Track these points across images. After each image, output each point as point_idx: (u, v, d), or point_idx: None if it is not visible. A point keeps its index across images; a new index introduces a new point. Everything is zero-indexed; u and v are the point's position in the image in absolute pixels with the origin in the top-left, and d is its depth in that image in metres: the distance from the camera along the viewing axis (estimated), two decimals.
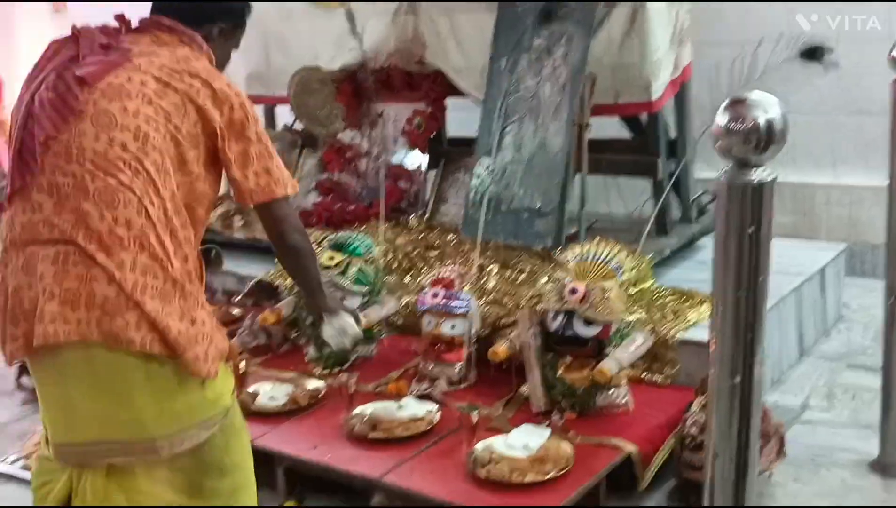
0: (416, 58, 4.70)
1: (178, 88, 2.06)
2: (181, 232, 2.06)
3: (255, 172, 2.16)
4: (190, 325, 2.00)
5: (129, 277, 1.94)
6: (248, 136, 2.15)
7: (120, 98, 2.02)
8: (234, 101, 2.13)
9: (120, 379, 1.99)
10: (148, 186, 2.00)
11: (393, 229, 4.47)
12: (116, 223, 1.96)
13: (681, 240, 4.20)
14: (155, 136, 2.02)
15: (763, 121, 1.62)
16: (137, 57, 2.09)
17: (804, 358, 3.96)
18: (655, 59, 3.93)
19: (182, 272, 2.03)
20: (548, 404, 3.02)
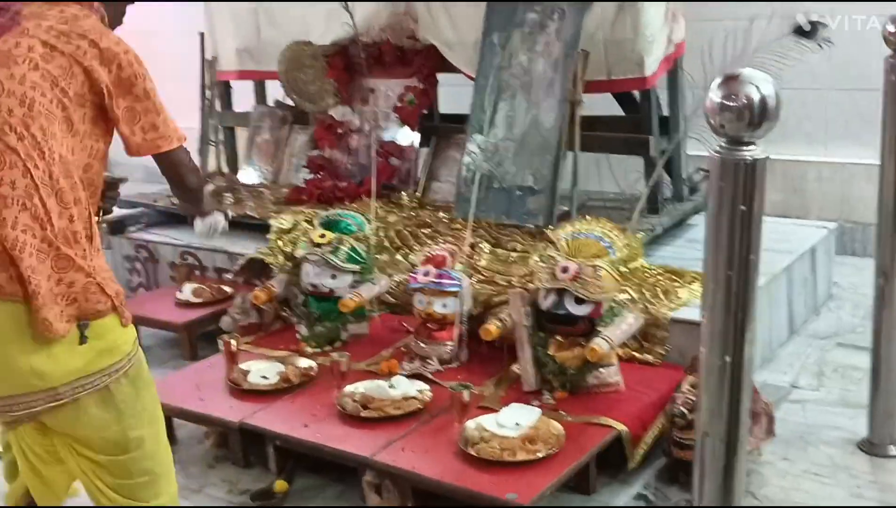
0: (407, 33, 4.67)
1: (65, 51, 2.12)
2: (69, 193, 2.13)
3: (141, 127, 2.21)
4: (55, 285, 2.09)
5: (9, 234, 2.05)
6: (135, 93, 2.19)
7: (7, 65, 2.09)
8: (123, 59, 2.17)
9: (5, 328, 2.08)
10: (33, 149, 2.07)
11: (384, 206, 4.45)
12: (1, 183, 2.06)
13: (672, 218, 4.19)
14: (41, 100, 2.09)
15: (756, 98, 1.60)
16: (27, 20, 2.14)
17: (794, 337, 3.97)
18: (648, 34, 3.91)
19: (63, 233, 2.10)
20: (539, 382, 3.03)
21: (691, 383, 2.90)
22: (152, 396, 2.32)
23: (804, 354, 3.79)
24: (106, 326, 2.18)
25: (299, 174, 5.03)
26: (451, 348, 3.29)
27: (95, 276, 2.16)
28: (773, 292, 3.77)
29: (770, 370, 3.62)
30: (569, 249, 3.05)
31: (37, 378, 2.11)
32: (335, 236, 3.53)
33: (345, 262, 3.50)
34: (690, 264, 3.75)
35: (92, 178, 2.23)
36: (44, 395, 2.13)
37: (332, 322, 3.52)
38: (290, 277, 3.63)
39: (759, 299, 2.01)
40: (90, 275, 2.15)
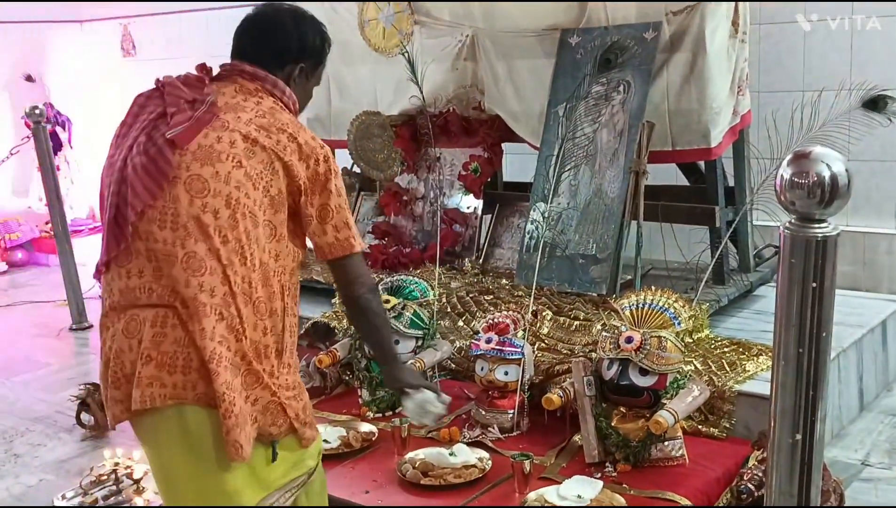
0: (473, 104, 4.75)
1: (266, 146, 2.05)
2: (265, 304, 2.04)
3: (334, 225, 2.14)
4: (243, 403, 2.00)
5: (207, 345, 1.96)
6: (329, 189, 2.13)
7: (211, 162, 2.01)
8: (319, 154, 2.12)
9: (209, 437, 2.00)
10: (234, 255, 2.00)
11: (447, 272, 4.49)
12: (201, 290, 1.97)
13: (738, 289, 4.15)
14: (246, 202, 2.01)
15: (827, 175, 1.60)
16: (225, 112, 2.08)
17: (865, 413, 3.86)
18: (714, 105, 3.92)
19: (255, 346, 2.02)
20: (601, 454, 2.99)
21: (758, 458, 2.84)
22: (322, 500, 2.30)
23: (875, 431, 3.69)
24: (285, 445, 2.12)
25: (365, 240, 5.11)
26: (513, 416, 3.27)
27: (280, 395, 2.07)
28: (844, 366, 3.69)
29: (840, 447, 3.53)
30: (633, 318, 3.03)
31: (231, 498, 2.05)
32: (399, 301, 3.57)
33: (408, 327, 3.53)
34: (756, 336, 3.70)
35: (296, 284, 2.16)
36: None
37: None
38: (354, 341, 3.66)
39: (829, 374, 1.98)
40: (275, 394, 2.06)
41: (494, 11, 4.48)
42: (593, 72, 3.99)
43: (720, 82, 3.95)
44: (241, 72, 2.18)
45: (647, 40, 3.92)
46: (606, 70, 3.97)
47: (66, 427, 4.09)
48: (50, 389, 4.62)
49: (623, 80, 3.97)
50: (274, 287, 2.07)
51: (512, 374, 3.27)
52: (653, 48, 3.91)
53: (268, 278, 2.05)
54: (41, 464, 3.76)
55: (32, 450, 3.90)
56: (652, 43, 3.91)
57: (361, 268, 2.27)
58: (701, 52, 3.87)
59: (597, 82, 4.03)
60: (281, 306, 2.09)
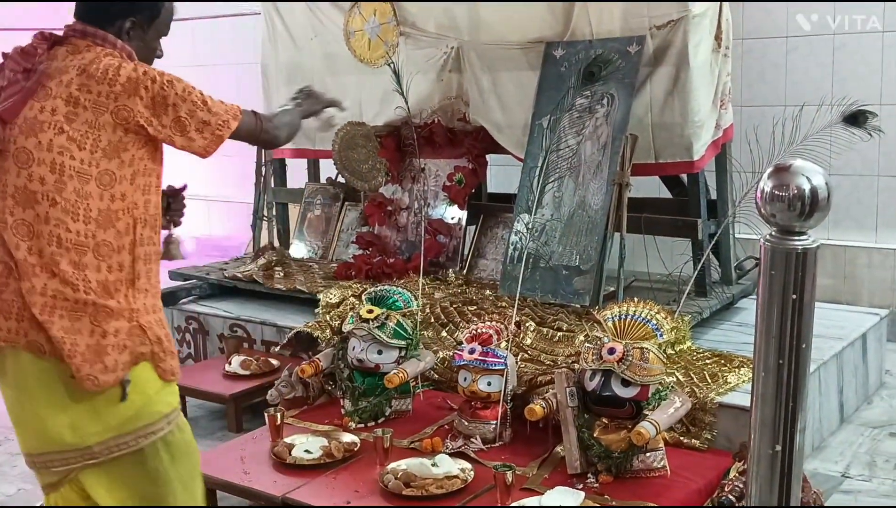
0: (458, 115, 4.77)
1: (87, 105, 2.14)
2: (112, 243, 2.17)
3: (196, 129, 2.22)
4: (101, 338, 2.13)
5: (37, 300, 2.11)
6: (171, 102, 2.18)
7: (34, 133, 2.13)
8: (144, 80, 2.16)
9: (48, 382, 2.16)
10: (65, 214, 2.12)
11: (431, 283, 4.50)
12: (30, 253, 2.13)
13: (720, 302, 4.18)
14: (71, 164, 2.12)
15: (807, 188, 1.61)
16: (50, 78, 2.17)
17: (845, 425, 3.89)
18: (697, 119, 3.95)
19: (102, 285, 2.15)
20: (583, 465, 2.99)
21: (739, 470, 2.85)
22: (191, 467, 2.31)
23: (856, 443, 3.72)
24: (144, 378, 2.19)
25: (349, 250, 5.12)
26: (495, 427, 3.27)
27: (139, 319, 2.19)
28: (824, 379, 3.71)
29: (820, 459, 3.55)
30: (615, 330, 3.04)
31: (72, 435, 2.15)
32: (382, 311, 3.56)
33: (391, 337, 3.53)
34: (738, 349, 3.72)
35: (153, 212, 2.25)
36: (79, 453, 2.17)
37: (377, 398, 3.53)
38: (337, 351, 3.66)
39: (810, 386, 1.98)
40: (131, 319, 2.18)
41: (480, 24, 4.50)
42: (577, 85, 4.01)
43: (703, 96, 3.98)
44: (73, 31, 2.25)
45: (631, 54, 3.95)
46: (590, 83, 3.99)
47: None
48: None
49: (607, 93, 3.99)
50: (119, 227, 2.17)
51: (495, 385, 3.28)
52: (636, 62, 3.94)
53: (110, 221, 2.16)
54: (20, 473, 3.73)
55: (11, 459, 3.87)
56: (636, 57, 3.94)
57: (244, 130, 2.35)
58: (684, 67, 3.90)
59: (581, 95, 4.05)
60: (130, 239, 2.20)
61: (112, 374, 2.14)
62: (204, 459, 2.37)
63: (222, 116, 2.26)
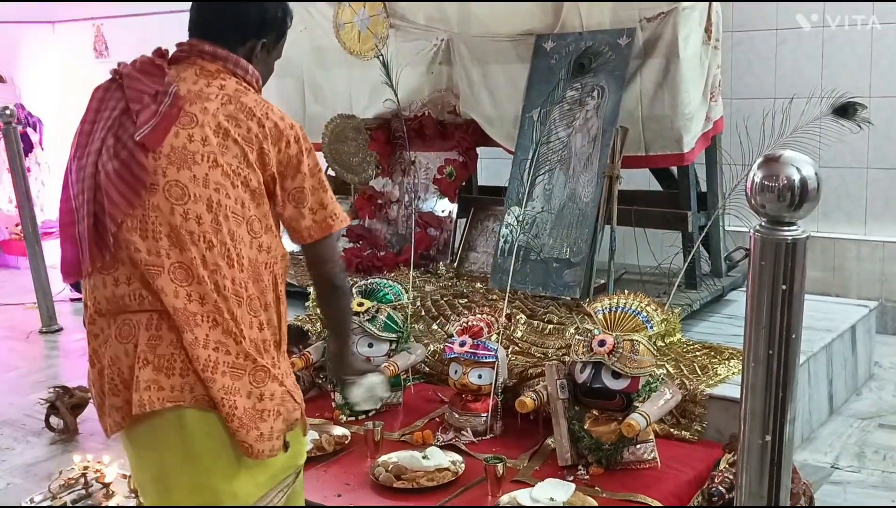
0: (448, 108, 4.76)
1: (238, 138, 1.98)
2: (259, 299, 2.00)
3: (310, 208, 2.08)
4: (258, 401, 1.97)
5: (201, 354, 1.92)
6: (302, 171, 2.06)
7: (187, 165, 1.95)
8: (290, 135, 2.05)
9: (210, 440, 1.97)
10: (221, 259, 1.95)
11: (422, 276, 4.49)
12: (190, 300, 1.93)
13: (710, 294, 4.19)
14: (227, 203, 1.96)
15: (797, 179, 1.62)
16: (190, 104, 2.00)
17: (834, 417, 3.90)
18: (687, 112, 3.95)
19: (255, 344, 1.99)
20: (574, 457, 3.00)
21: (729, 461, 2.86)
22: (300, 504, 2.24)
23: (845, 434, 3.73)
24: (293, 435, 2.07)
25: (339, 243, 5.10)
26: (486, 419, 3.28)
27: (286, 383, 2.04)
28: (813, 370, 3.73)
29: (810, 451, 3.57)
30: (606, 322, 3.05)
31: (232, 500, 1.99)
32: (373, 304, 3.56)
33: (382, 330, 3.52)
34: (728, 341, 3.73)
35: (285, 268, 2.10)
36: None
37: None
38: (327, 344, 3.65)
39: (799, 377, 1.99)
40: (282, 384, 2.03)
41: (470, 16, 4.49)
42: (567, 77, 4.01)
43: (693, 89, 3.98)
44: (200, 53, 2.08)
45: (621, 46, 3.95)
46: (580, 75, 3.99)
47: (34, 431, 4.05)
48: (19, 392, 4.57)
49: (597, 85, 3.99)
50: (265, 281, 2.02)
51: (485, 377, 3.28)
52: (626, 54, 3.93)
53: (258, 273, 2.01)
54: (9, 468, 3.71)
55: (0, 454, 3.85)
56: (626, 49, 3.94)
57: (335, 247, 2.22)
58: (674, 59, 3.90)
59: (571, 87, 4.05)
60: (274, 296, 2.05)
61: (268, 443, 1.98)
62: None
63: (337, 211, 2.13)
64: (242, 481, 2.00)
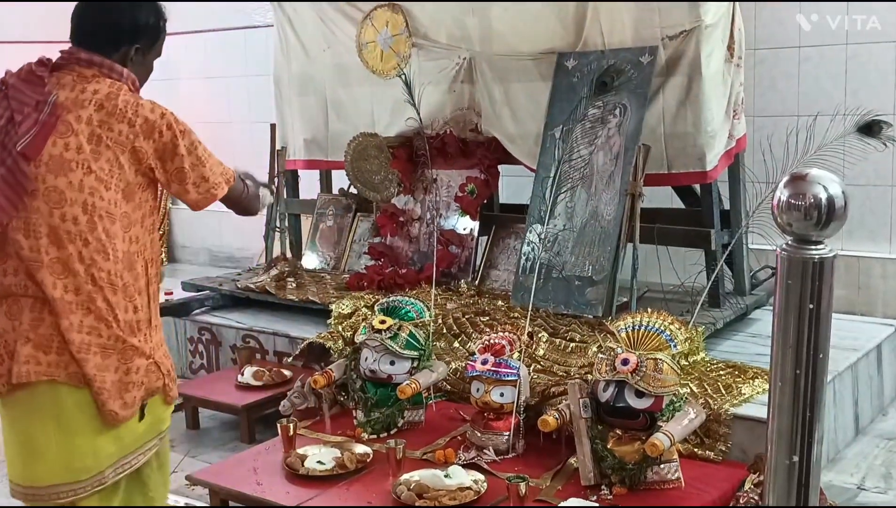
0: (470, 126, 4.77)
1: (109, 144, 2.19)
2: (133, 285, 2.26)
3: (193, 183, 2.30)
4: (124, 374, 2.25)
5: (75, 338, 2.19)
6: (179, 153, 2.26)
7: (64, 172, 2.16)
8: (160, 124, 2.23)
9: (82, 411, 2.23)
10: (97, 254, 2.19)
11: (443, 293, 4.49)
12: (66, 291, 2.18)
13: (734, 312, 4.16)
14: (100, 204, 2.18)
15: (824, 197, 1.61)
16: (66, 112, 2.18)
17: (860, 437, 3.86)
18: (710, 129, 3.94)
19: (129, 325, 2.26)
20: (597, 477, 2.98)
21: (754, 482, 2.83)
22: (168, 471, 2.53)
23: (871, 455, 3.69)
24: (153, 402, 2.35)
25: (361, 261, 5.12)
26: (508, 438, 3.26)
27: (154, 355, 2.32)
28: (839, 390, 3.69)
29: (836, 471, 3.52)
30: (629, 341, 3.03)
31: (93, 460, 2.25)
32: (395, 321, 3.56)
33: (403, 348, 3.52)
34: (752, 360, 3.70)
35: (157, 250, 2.38)
36: (92, 480, 2.27)
37: (389, 408, 3.52)
38: (349, 362, 3.66)
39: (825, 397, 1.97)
40: (150, 356, 2.31)
41: (492, 35, 4.51)
42: (589, 95, 4.01)
43: (716, 106, 3.97)
44: (78, 59, 2.26)
45: (644, 64, 3.95)
46: (603, 93, 3.99)
47: None
48: None
49: (619, 103, 3.99)
50: (137, 268, 2.28)
51: (507, 396, 3.26)
52: (649, 72, 3.93)
53: (132, 262, 2.26)
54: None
55: None
56: (648, 67, 3.94)
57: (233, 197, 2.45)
58: (697, 77, 3.90)
59: (593, 105, 4.05)
60: (145, 281, 2.31)
61: (130, 409, 2.28)
62: (216, 470, 2.40)
63: (218, 178, 2.36)
64: (104, 441, 2.26)
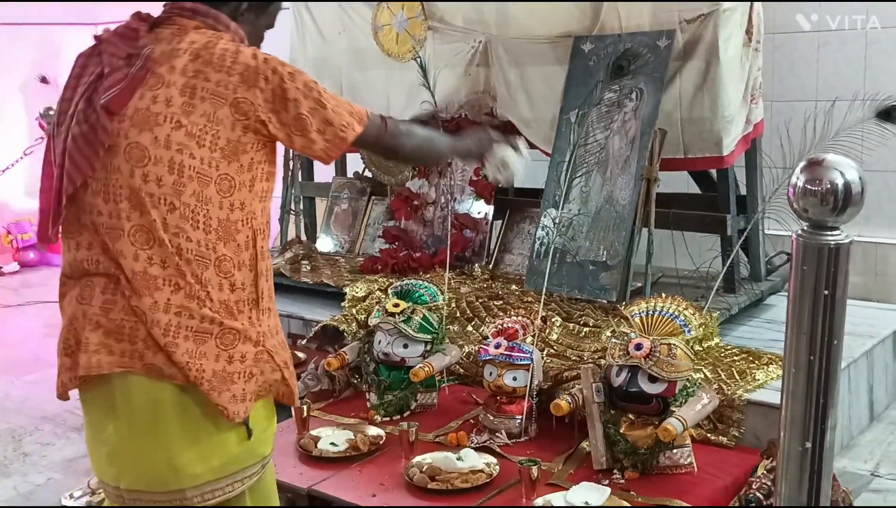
0: (485, 109, 4.76)
1: (205, 95, 1.92)
2: (231, 259, 1.95)
3: (317, 130, 1.99)
4: (227, 363, 1.93)
5: (161, 318, 1.89)
6: (292, 97, 1.96)
7: (149, 126, 1.90)
8: (264, 70, 1.95)
9: (158, 411, 1.92)
10: (184, 221, 1.90)
11: (457, 277, 4.49)
12: (151, 263, 1.90)
13: (749, 298, 4.14)
14: (191, 163, 1.90)
15: (840, 183, 1.60)
16: (159, 65, 1.94)
17: (875, 424, 3.84)
18: (727, 114, 3.92)
19: (225, 306, 1.94)
20: (609, 461, 2.98)
21: (767, 467, 2.83)
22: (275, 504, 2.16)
23: (885, 441, 3.67)
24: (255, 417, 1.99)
25: (375, 244, 5.13)
26: (521, 422, 3.27)
27: (265, 342, 1.99)
28: (854, 377, 3.67)
29: (850, 458, 3.51)
30: (642, 326, 3.03)
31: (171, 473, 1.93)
32: (408, 305, 3.57)
33: (417, 331, 3.53)
34: (767, 345, 3.69)
35: (268, 221, 2.04)
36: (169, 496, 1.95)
37: (402, 391, 3.53)
38: (363, 345, 3.67)
39: (840, 384, 1.97)
40: (259, 342, 1.98)
41: (508, 18, 4.49)
42: (606, 79, 3.99)
43: (733, 91, 3.94)
44: (181, 10, 2.02)
45: (661, 48, 3.92)
46: (619, 77, 3.97)
47: (74, 427, 4.10)
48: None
49: (636, 87, 3.97)
50: (239, 240, 1.96)
51: (520, 380, 3.27)
52: (666, 56, 3.90)
53: (230, 233, 1.95)
54: (49, 463, 3.77)
55: (41, 449, 3.92)
56: (665, 51, 3.91)
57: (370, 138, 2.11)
58: (714, 61, 3.86)
59: (609, 89, 4.03)
60: (250, 254, 1.99)
61: (242, 405, 1.93)
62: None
63: (346, 118, 2.03)
64: (188, 457, 1.93)
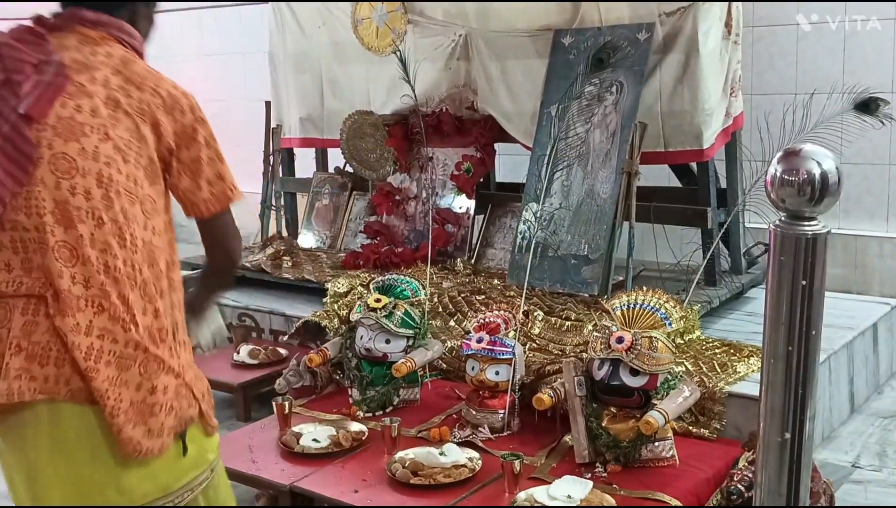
0: (466, 104, 4.75)
1: (129, 110, 1.85)
2: (154, 284, 1.86)
3: (207, 179, 1.94)
4: (149, 394, 1.83)
5: (82, 341, 1.77)
6: (198, 140, 1.92)
7: (75, 136, 1.80)
8: (183, 103, 1.91)
9: (93, 438, 1.82)
10: (112, 237, 1.81)
11: (439, 272, 4.49)
12: (74, 282, 1.78)
13: (730, 291, 4.16)
14: (118, 178, 1.82)
15: (817, 173, 1.60)
16: (77, 73, 1.84)
17: (855, 415, 3.87)
18: (707, 107, 3.92)
19: (149, 332, 1.84)
20: (591, 455, 2.98)
21: (748, 459, 2.84)
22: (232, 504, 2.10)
23: (866, 433, 3.69)
24: (191, 435, 1.93)
25: (357, 239, 5.11)
26: (503, 416, 3.26)
27: (184, 376, 1.91)
28: (834, 368, 3.69)
29: (830, 449, 3.53)
30: (624, 319, 3.03)
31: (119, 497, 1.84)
32: (390, 300, 3.56)
33: (399, 327, 3.51)
34: (748, 338, 3.70)
35: (175, 254, 1.96)
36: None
37: (385, 387, 3.52)
38: (345, 340, 3.65)
39: (820, 375, 1.97)
40: (179, 375, 1.89)
41: (488, 12, 4.48)
42: (586, 72, 3.99)
43: (713, 84, 3.95)
44: (81, 20, 1.92)
45: (640, 41, 3.93)
46: (599, 70, 3.97)
47: None
48: None
49: (616, 80, 3.97)
50: (160, 265, 1.88)
51: (503, 374, 3.26)
52: (646, 49, 3.91)
53: (153, 256, 1.87)
54: None
55: None
56: (645, 44, 3.91)
57: (235, 223, 2.04)
58: (694, 54, 3.87)
59: (589, 83, 4.03)
60: (167, 283, 1.90)
61: (157, 440, 1.83)
62: None
63: (234, 181, 1.98)
64: (134, 478, 1.86)
